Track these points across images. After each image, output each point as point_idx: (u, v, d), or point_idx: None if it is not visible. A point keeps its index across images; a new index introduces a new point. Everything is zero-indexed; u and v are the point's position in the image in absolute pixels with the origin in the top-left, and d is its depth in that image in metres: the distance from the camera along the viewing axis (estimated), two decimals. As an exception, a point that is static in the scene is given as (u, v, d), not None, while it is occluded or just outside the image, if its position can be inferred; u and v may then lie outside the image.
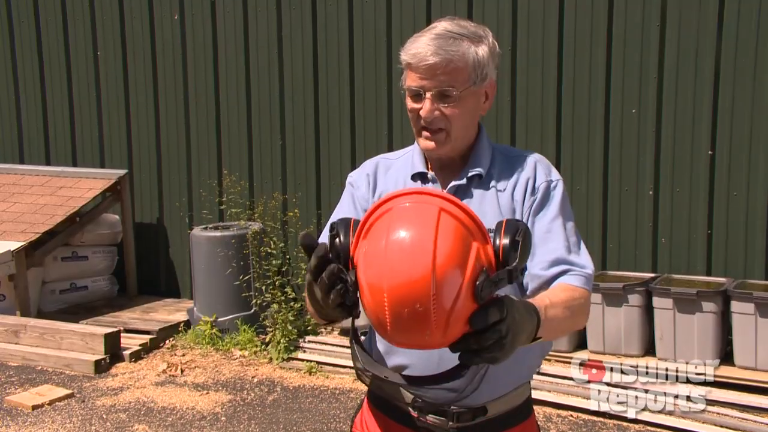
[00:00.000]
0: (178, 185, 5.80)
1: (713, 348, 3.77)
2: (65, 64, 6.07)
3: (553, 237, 1.35)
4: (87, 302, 5.62)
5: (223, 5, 5.46)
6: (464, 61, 1.32)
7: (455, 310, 0.95)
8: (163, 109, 5.79)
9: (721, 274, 4.23)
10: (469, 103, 1.36)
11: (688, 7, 4.24)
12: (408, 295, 0.93)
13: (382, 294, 0.94)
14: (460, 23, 1.36)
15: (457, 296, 0.95)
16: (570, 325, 1.31)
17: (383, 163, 1.52)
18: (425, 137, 1.38)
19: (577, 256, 1.36)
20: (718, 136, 4.26)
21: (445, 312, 0.94)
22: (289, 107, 5.37)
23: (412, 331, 0.96)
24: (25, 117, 6.29)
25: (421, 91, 1.34)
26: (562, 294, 1.28)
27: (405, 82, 1.38)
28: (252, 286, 4.85)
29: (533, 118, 4.66)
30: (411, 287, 0.92)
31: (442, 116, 1.35)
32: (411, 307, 0.93)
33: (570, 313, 1.26)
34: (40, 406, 3.95)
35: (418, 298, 0.93)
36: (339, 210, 1.51)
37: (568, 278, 1.32)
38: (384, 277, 0.94)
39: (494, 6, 4.68)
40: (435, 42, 1.31)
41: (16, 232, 5.13)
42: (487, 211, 1.36)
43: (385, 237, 0.96)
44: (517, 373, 1.41)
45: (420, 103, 1.35)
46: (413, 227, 0.95)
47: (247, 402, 4.04)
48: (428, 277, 0.92)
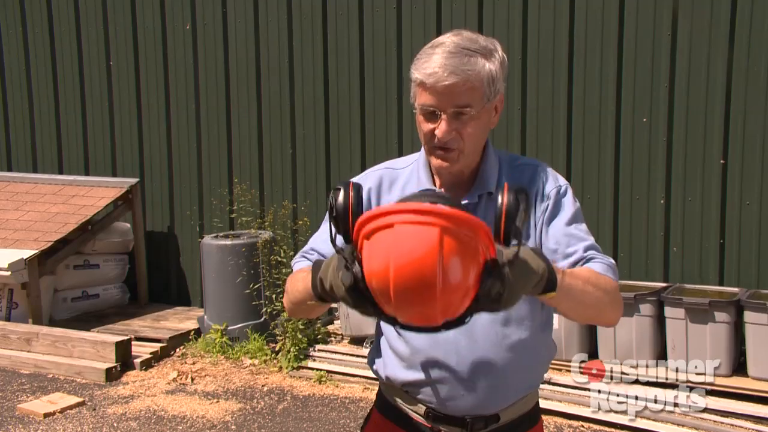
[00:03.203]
0: (189, 194, 5.83)
1: (726, 358, 3.74)
2: (78, 74, 6.13)
3: (572, 240, 1.35)
4: (98, 310, 5.65)
5: (234, 16, 5.51)
6: (479, 79, 1.28)
7: (461, 300, 1.01)
8: (174, 119, 5.83)
9: (733, 284, 4.19)
10: (483, 119, 1.34)
11: (700, 15, 4.23)
12: (417, 298, 0.98)
13: (389, 294, 0.99)
14: (471, 37, 1.32)
15: (463, 296, 1.01)
16: (596, 302, 1.25)
17: (388, 175, 1.47)
18: (439, 156, 1.34)
19: (597, 252, 1.35)
20: (730, 144, 4.24)
21: (452, 305, 1.01)
22: (300, 116, 5.39)
23: (419, 319, 1.03)
24: (39, 126, 6.35)
25: (437, 111, 1.30)
26: (585, 271, 1.27)
27: (417, 99, 1.33)
28: (262, 294, 4.86)
29: (543, 126, 4.66)
30: (419, 295, 0.98)
31: (458, 136, 1.31)
32: (419, 304, 0.99)
33: (593, 289, 1.24)
34: (52, 414, 3.97)
35: (427, 300, 0.98)
36: (319, 235, 1.49)
37: (591, 264, 1.31)
38: (391, 286, 0.98)
39: (504, 14, 4.69)
40: (450, 61, 1.27)
41: (29, 240, 5.17)
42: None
43: (386, 255, 0.98)
44: (527, 381, 1.43)
45: (434, 122, 1.31)
46: (415, 256, 0.97)
47: (257, 411, 4.04)
48: (434, 289, 0.97)
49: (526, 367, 1.40)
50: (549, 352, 1.48)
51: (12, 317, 5.20)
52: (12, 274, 4.83)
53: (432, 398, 1.39)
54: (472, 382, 1.36)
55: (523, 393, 1.42)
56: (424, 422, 1.42)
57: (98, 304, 5.69)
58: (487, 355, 1.36)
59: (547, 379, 3.87)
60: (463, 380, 1.36)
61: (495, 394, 1.38)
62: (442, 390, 1.37)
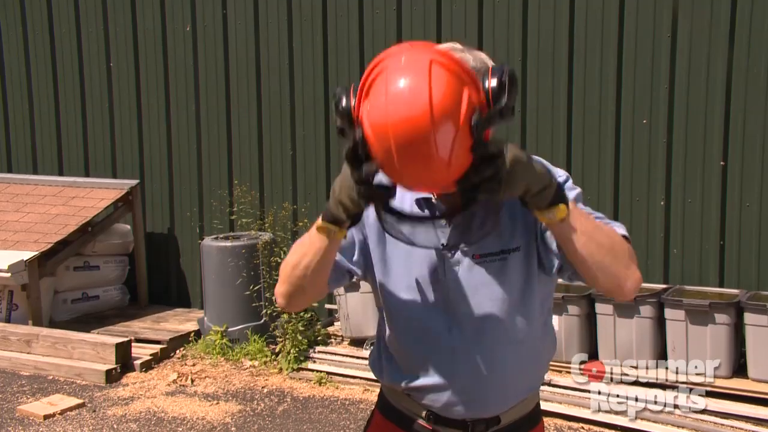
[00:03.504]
0: (190, 195, 5.83)
1: (726, 360, 3.74)
2: (78, 76, 6.13)
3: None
4: (98, 312, 5.65)
5: (234, 17, 5.51)
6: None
7: (455, 142, 1.06)
8: (174, 120, 5.83)
9: (733, 286, 4.19)
10: None
11: (700, 15, 4.24)
12: (411, 130, 1.05)
13: (388, 134, 1.06)
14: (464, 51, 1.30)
15: (455, 130, 1.06)
16: (611, 245, 1.22)
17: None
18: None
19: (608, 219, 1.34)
20: (730, 146, 4.24)
21: (447, 144, 1.06)
22: (300, 117, 5.39)
23: (418, 165, 1.08)
24: (39, 128, 6.36)
25: None
26: (597, 221, 1.25)
27: None
28: (262, 296, 4.86)
29: (543, 127, 4.66)
30: (413, 122, 1.04)
31: None
32: (415, 142, 1.05)
33: (606, 233, 1.22)
34: (52, 415, 3.97)
35: (421, 131, 1.05)
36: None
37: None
38: (388, 118, 1.05)
39: (504, 14, 4.69)
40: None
41: (29, 241, 5.17)
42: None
43: (384, 89, 1.07)
44: (527, 382, 1.43)
45: None
46: (409, 77, 1.06)
47: (257, 412, 4.04)
48: (427, 113, 1.04)
49: (526, 368, 1.41)
50: (549, 353, 1.48)
51: (12, 319, 5.21)
52: (12, 275, 4.83)
53: (433, 401, 1.40)
54: (472, 384, 1.36)
55: (523, 395, 1.43)
56: (426, 424, 1.42)
57: (98, 306, 5.69)
58: (487, 357, 1.36)
59: (548, 381, 3.87)
60: (464, 383, 1.36)
61: (495, 397, 1.38)
62: (442, 393, 1.38)
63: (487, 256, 1.35)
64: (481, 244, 1.34)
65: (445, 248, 1.35)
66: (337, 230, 1.22)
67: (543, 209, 1.15)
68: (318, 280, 1.35)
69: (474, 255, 1.35)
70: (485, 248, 1.35)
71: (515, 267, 1.35)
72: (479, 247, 1.35)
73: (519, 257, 1.35)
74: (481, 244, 1.34)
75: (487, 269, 1.35)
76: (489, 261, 1.35)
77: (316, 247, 1.27)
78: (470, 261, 1.36)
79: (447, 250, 1.35)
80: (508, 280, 1.35)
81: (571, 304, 4.01)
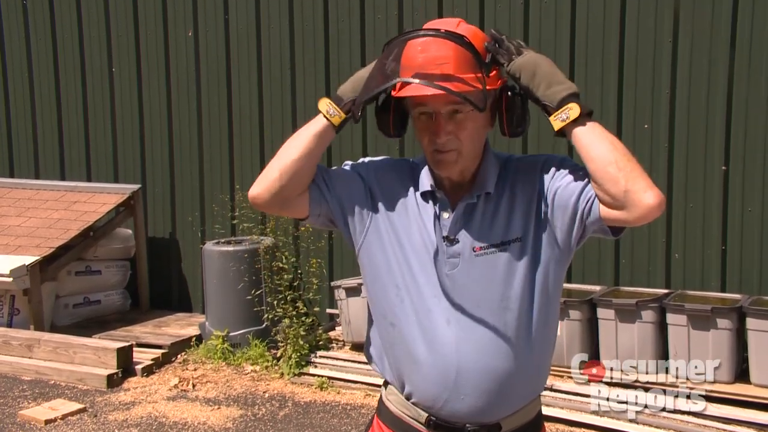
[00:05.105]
0: (191, 200, 5.84)
1: (728, 365, 3.73)
2: (80, 80, 6.15)
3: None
4: (100, 316, 5.65)
5: (236, 22, 5.52)
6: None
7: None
8: (176, 125, 5.84)
9: (735, 291, 4.18)
10: (480, 120, 1.36)
11: (701, 21, 4.24)
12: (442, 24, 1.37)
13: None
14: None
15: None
16: (630, 156, 1.27)
17: (409, 166, 1.51)
18: (437, 158, 1.37)
19: None
20: (732, 151, 4.23)
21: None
22: (302, 123, 5.34)
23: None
24: (41, 132, 6.37)
25: (432, 112, 1.34)
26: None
27: (412, 107, 1.39)
28: (264, 300, 4.86)
29: (544, 131, 4.65)
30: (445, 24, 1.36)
31: (455, 137, 1.34)
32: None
33: (621, 144, 1.29)
34: (53, 420, 3.97)
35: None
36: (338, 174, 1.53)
37: None
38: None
39: (505, 21, 4.70)
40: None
41: (30, 246, 5.18)
42: (499, 220, 1.37)
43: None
44: (529, 388, 1.43)
45: (430, 124, 1.35)
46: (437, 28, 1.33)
47: (259, 417, 4.03)
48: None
49: (528, 374, 1.40)
50: (550, 358, 1.48)
51: (14, 323, 5.21)
52: (14, 280, 4.84)
53: (433, 406, 1.39)
54: (473, 390, 1.36)
55: (525, 401, 1.42)
56: (425, 430, 1.42)
57: (100, 310, 5.69)
58: (489, 362, 1.35)
59: (549, 386, 3.86)
60: (464, 388, 1.36)
61: (496, 402, 1.37)
62: (443, 398, 1.37)
63: (488, 248, 1.35)
64: (481, 236, 1.35)
65: (446, 240, 1.36)
66: (334, 111, 1.51)
67: (555, 108, 1.26)
68: (301, 171, 1.44)
69: (474, 248, 1.36)
70: (485, 240, 1.36)
71: (516, 258, 1.35)
72: (479, 239, 1.36)
73: (519, 248, 1.36)
74: (480, 237, 1.36)
75: (488, 261, 1.35)
76: (489, 253, 1.35)
77: (308, 131, 1.51)
78: (470, 253, 1.36)
79: (448, 242, 1.36)
80: (509, 271, 1.35)
81: (573, 309, 4.00)
